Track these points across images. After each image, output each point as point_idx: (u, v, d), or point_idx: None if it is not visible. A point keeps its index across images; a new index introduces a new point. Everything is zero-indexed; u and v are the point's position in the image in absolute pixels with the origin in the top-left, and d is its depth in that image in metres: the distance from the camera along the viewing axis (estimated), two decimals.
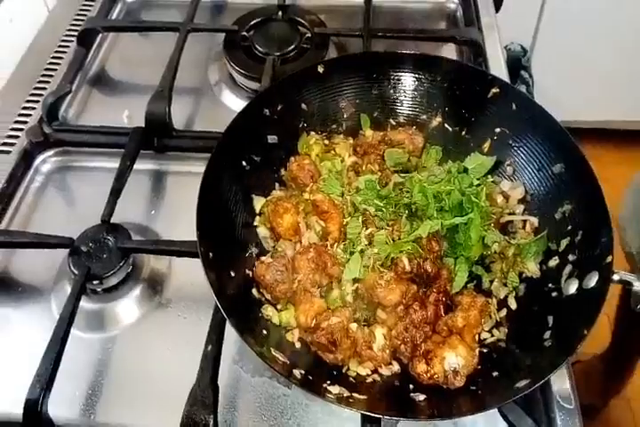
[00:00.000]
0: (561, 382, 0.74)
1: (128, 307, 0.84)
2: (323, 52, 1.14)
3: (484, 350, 0.75)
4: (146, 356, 0.81)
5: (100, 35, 1.21)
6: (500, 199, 0.86)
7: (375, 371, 0.74)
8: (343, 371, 0.73)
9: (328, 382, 0.69)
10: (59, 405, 0.72)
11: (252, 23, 1.18)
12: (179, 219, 0.94)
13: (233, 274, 0.77)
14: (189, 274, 0.87)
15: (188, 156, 1.02)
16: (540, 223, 0.83)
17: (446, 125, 0.93)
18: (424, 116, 0.94)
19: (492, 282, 0.81)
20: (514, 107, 0.86)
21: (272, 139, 0.89)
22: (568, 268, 0.76)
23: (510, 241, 0.82)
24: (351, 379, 0.72)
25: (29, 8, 1.25)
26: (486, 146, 0.89)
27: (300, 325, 0.75)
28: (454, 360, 0.70)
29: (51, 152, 1.03)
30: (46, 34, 1.25)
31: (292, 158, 0.88)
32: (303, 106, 0.92)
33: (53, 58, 1.18)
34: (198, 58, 1.19)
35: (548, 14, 2.11)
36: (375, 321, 0.76)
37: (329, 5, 1.30)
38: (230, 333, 0.76)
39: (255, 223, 0.85)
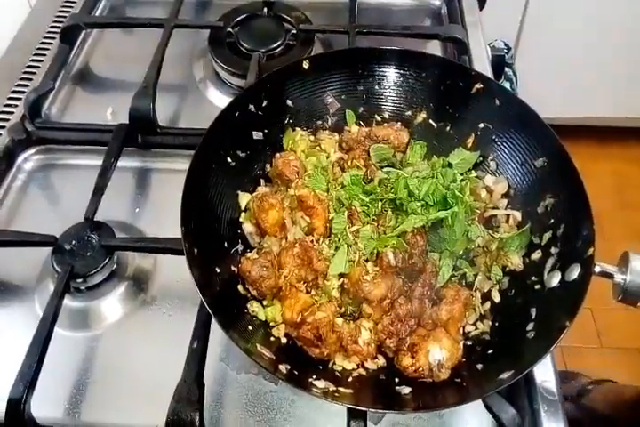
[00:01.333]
0: (544, 374, 0.75)
1: (112, 305, 0.84)
2: (308, 49, 1.14)
3: (469, 343, 0.76)
4: (131, 354, 0.80)
5: (84, 31, 1.20)
6: (483, 194, 0.86)
7: (361, 365, 0.74)
8: (329, 366, 0.73)
9: (314, 376, 0.69)
10: (43, 404, 0.71)
11: (238, 20, 1.17)
12: (163, 216, 0.93)
13: (218, 270, 0.77)
14: (174, 272, 0.87)
15: (173, 153, 1.02)
16: (522, 217, 0.84)
17: (431, 121, 0.93)
18: (409, 112, 0.94)
19: (475, 276, 0.81)
20: (497, 102, 0.87)
21: (257, 135, 0.89)
22: (551, 261, 0.77)
23: (494, 235, 0.82)
24: (337, 373, 0.72)
25: (10, 4, 1.24)
26: (470, 141, 0.89)
27: (286, 320, 0.75)
28: (439, 353, 0.70)
29: (33, 150, 1.02)
30: (28, 30, 1.23)
31: (278, 154, 0.87)
32: (288, 102, 0.91)
33: (36, 55, 1.17)
34: (183, 54, 1.19)
35: (531, 11, 2.13)
36: (361, 315, 0.76)
37: (314, 2, 1.30)
38: (216, 330, 0.76)
39: (240, 219, 0.85)
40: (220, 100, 1.11)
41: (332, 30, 1.18)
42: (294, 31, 1.16)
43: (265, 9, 1.19)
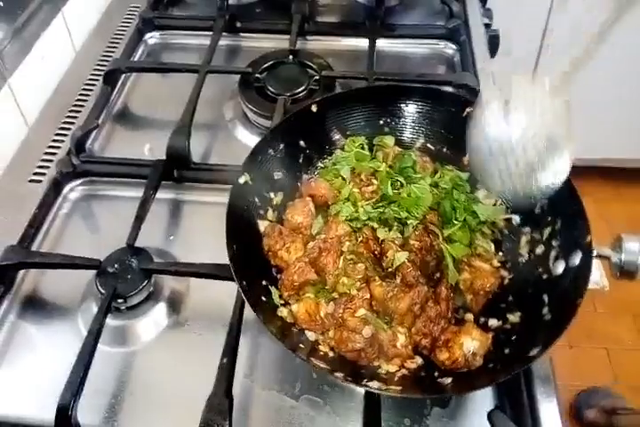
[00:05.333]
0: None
1: (149, 324, 0.91)
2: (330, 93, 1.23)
3: (492, 334, 0.82)
4: (165, 369, 0.87)
5: (124, 74, 1.31)
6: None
7: (402, 366, 0.80)
8: (376, 371, 0.80)
9: (365, 380, 0.76)
10: (85, 412, 0.78)
11: (265, 66, 1.28)
12: (195, 243, 1.02)
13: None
14: (206, 295, 0.95)
15: (204, 186, 1.11)
16: (522, 220, 0.93)
17: (428, 145, 1.02)
18: (408, 139, 1.03)
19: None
20: None
21: (277, 175, 0.97)
22: (553, 252, 0.85)
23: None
24: (383, 376, 0.79)
25: (58, 48, 1.35)
26: (465, 159, 0.98)
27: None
28: (471, 344, 0.77)
29: (78, 182, 1.12)
30: (74, 73, 1.35)
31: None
32: (301, 142, 1.00)
33: (81, 95, 1.28)
34: (215, 96, 1.29)
35: (545, 56, 2.22)
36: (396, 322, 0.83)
37: (336, 50, 1.41)
38: (243, 348, 0.84)
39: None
40: (247, 138, 1.21)
41: (351, 76, 1.27)
42: (317, 77, 1.26)
43: (290, 56, 1.30)
